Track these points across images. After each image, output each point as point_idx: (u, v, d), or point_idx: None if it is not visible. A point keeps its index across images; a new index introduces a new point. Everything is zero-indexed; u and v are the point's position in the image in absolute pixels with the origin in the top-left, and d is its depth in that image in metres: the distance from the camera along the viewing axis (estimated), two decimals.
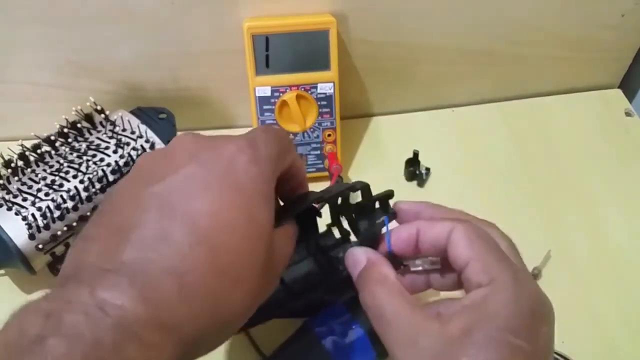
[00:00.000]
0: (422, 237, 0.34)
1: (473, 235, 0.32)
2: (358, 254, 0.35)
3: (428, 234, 0.33)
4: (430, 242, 0.33)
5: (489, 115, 0.66)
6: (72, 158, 0.49)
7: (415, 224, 0.34)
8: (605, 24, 0.62)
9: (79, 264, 0.26)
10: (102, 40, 0.55)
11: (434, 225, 0.33)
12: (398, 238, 0.35)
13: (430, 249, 0.34)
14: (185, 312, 0.25)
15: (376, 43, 0.59)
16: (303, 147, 0.57)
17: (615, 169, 0.60)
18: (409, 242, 0.34)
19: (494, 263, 0.30)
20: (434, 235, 0.33)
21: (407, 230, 0.34)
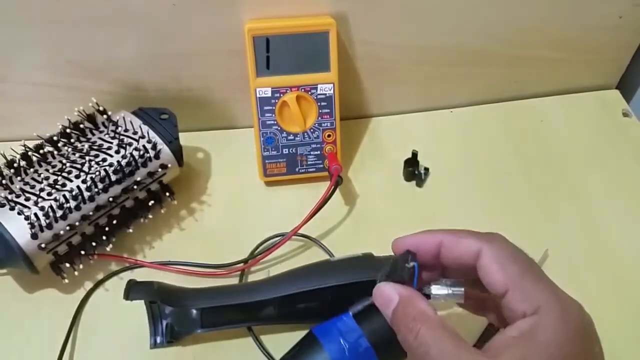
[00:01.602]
0: (445, 253, 0.33)
1: (504, 259, 0.30)
2: (388, 291, 0.33)
3: (453, 251, 0.32)
4: (454, 260, 0.32)
5: (487, 116, 0.66)
6: (74, 158, 0.50)
7: (438, 235, 0.33)
8: (603, 25, 0.62)
9: None
10: (104, 41, 0.55)
11: (459, 243, 0.32)
12: (419, 245, 0.33)
13: (454, 267, 0.33)
14: None
15: (376, 44, 0.59)
16: (303, 148, 0.58)
17: (613, 169, 0.61)
18: (430, 251, 0.33)
19: (534, 288, 0.29)
20: (459, 254, 0.32)
21: (430, 239, 0.34)
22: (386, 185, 0.60)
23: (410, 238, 0.35)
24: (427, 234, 0.34)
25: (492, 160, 0.62)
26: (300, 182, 0.59)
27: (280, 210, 0.57)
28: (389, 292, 0.32)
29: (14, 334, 0.49)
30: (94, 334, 0.49)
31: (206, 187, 0.59)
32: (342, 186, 0.58)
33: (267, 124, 0.56)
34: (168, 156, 0.53)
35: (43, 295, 0.51)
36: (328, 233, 0.55)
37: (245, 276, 0.52)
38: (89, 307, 0.50)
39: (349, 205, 0.58)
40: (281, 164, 0.58)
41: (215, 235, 0.55)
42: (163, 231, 0.56)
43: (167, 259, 0.53)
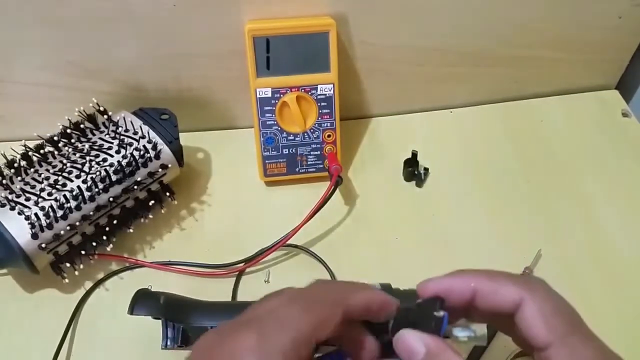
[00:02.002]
0: (480, 301, 0.30)
1: (549, 311, 0.28)
2: (413, 341, 0.29)
3: (489, 300, 0.30)
4: (489, 309, 0.30)
5: (486, 116, 0.66)
6: (75, 158, 0.50)
7: (471, 280, 0.30)
8: (602, 25, 0.62)
9: None
10: (104, 42, 0.55)
11: (497, 292, 0.29)
12: (450, 291, 0.30)
13: (488, 314, 0.30)
14: None
15: (375, 45, 0.59)
16: (303, 148, 0.58)
17: (613, 169, 0.61)
18: (462, 298, 0.30)
19: (581, 347, 0.27)
20: (497, 304, 0.29)
21: (463, 285, 0.30)
22: (386, 185, 0.60)
23: (440, 282, 0.31)
24: (459, 278, 0.31)
25: (492, 160, 0.62)
26: (300, 182, 0.59)
27: (280, 210, 0.57)
28: (414, 343, 0.29)
29: (14, 334, 0.49)
30: (93, 334, 0.49)
31: (206, 187, 0.59)
32: (342, 186, 0.58)
33: (267, 124, 0.56)
34: (168, 156, 0.53)
35: (43, 295, 0.51)
36: (328, 233, 0.55)
37: (245, 276, 0.53)
38: (88, 307, 0.50)
39: (349, 205, 0.58)
40: (281, 164, 0.58)
41: (216, 235, 0.55)
42: (163, 231, 0.56)
43: (167, 259, 0.53)
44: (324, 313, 0.28)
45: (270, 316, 0.28)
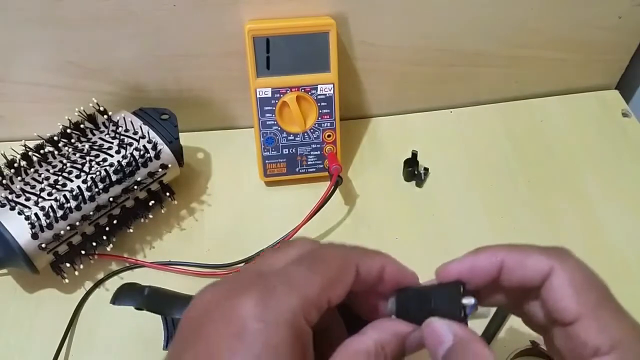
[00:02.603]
0: (507, 275, 0.28)
1: (580, 282, 0.26)
2: (440, 328, 0.27)
3: (517, 272, 0.27)
4: (516, 282, 0.28)
5: (486, 116, 0.66)
6: (75, 158, 0.50)
7: (499, 253, 0.28)
8: (602, 25, 0.62)
9: None
10: (104, 42, 0.55)
11: (525, 262, 0.27)
12: (474, 270, 0.28)
13: (516, 289, 0.28)
14: None
15: (375, 45, 0.59)
16: (303, 148, 0.58)
17: (613, 169, 0.61)
18: (488, 276, 0.28)
19: (612, 321, 0.26)
20: (524, 276, 0.27)
21: (488, 261, 0.28)
22: (386, 185, 0.60)
23: (462, 263, 0.29)
24: (483, 254, 0.28)
25: (492, 160, 0.62)
26: (300, 182, 0.59)
27: (281, 210, 0.57)
28: (441, 330, 0.27)
29: (14, 334, 0.49)
30: (94, 334, 0.49)
31: (206, 187, 0.59)
32: (342, 186, 0.58)
33: (267, 124, 0.56)
34: (168, 156, 0.53)
35: (43, 295, 0.51)
36: (328, 233, 0.55)
37: None
38: (89, 307, 0.50)
39: (349, 205, 0.58)
40: (281, 164, 0.58)
41: (216, 235, 0.55)
42: (163, 231, 0.56)
43: (167, 259, 0.53)
44: (335, 272, 0.26)
45: (275, 275, 0.26)
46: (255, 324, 0.24)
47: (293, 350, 0.24)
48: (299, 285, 0.25)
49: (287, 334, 0.24)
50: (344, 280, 0.27)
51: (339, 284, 0.27)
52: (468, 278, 0.28)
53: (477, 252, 0.29)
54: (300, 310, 0.25)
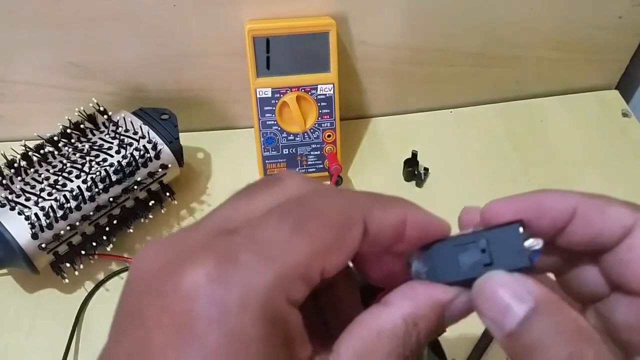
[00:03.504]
0: (579, 225, 0.22)
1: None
2: (515, 286, 0.19)
3: (593, 223, 0.21)
4: (593, 235, 0.21)
5: (487, 116, 0.66)
6: (75, 158, 0.50)
7: (571, 197, 0.22)
8: (602, 25, 0.62)
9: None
10: (104, 42, 0.55)
11: (605, 211, 0.22)
12: (542, 210, 0.22)
13: (581, 246, 0.22)
14: None
15: (375, 45, 0.59)
16: (303, 148, 0.58)
17: (613, 169, 0.61)
18: (558, 220, 0.22)
19: None
20: (603, 227, 0.21)
21: (559, 202, 0.22)
22: (386, 185, 0.60)
23: (526, 200, 0.23)
24: (552, 194, 0.22)
25: (492, 160, 0.62)
26: None
27: None
28: (517, 289, 0.19)
29: (14, 334, 0.49)
30: (95, 334, 0.49)
31: (206, 187, 0.59)
32: (342, 186, 0.58)
33: (267, 124, 0.56)
34: (168, 156, 0.53)
35: (43, 295, 0.51)
36: None
37: None
38: (89, 308, 0.50)
39: None
40: (281, 164, 0.58)
41: None
42: (163, 231, 0.56)
43: None
44: (332, 232, 0.19)
45: (243, 236, 0.18)
46: (208, 307, 0.17)
47: (267, 344, 0.17)
48: (276, 252, 0.18)
49: (257, 322, 0.17)
50: (345, 243, 0.19)
51: (337, 250, 0.19)
52: (532, 218, 0.22)
53: (541, 191, 0.22)
54: (278, 287, 0.17)
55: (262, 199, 0.20)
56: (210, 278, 0.17)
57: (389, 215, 0.21)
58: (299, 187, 0.21)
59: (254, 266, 0.18)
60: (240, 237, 0.18)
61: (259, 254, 0.18)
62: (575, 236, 0.22)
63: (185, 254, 0.18)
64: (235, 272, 0.17)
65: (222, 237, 0.19)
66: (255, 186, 0.22)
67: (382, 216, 0.21)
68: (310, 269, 0.18)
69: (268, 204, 0.20)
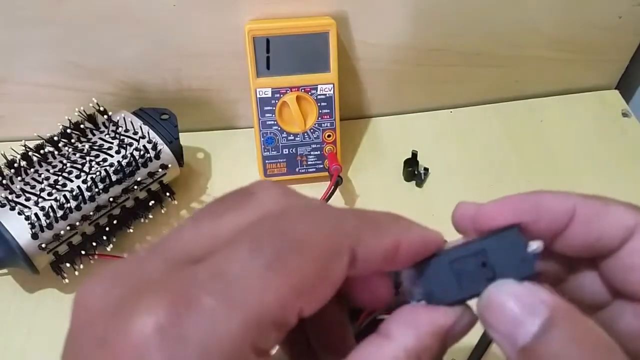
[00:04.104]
0: (578, 228, 0.20)
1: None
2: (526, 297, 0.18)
3: (593, 225, 0.20)
4: (593, 238, 0.20)
5: (486, 116, 0.66)
6: (75, 158, 0.50)
7: (569, 199, 0.21)
8: (602, 25, 0.62)
9: None
10: (104, 42, 0.55)
11: (605, 213, 0.20)
12: (540, 212, 0.21)
13: (579, 250, 0.21)
14: None
15: (375, 45, 0.59)
16: (303, 148, 0.58)
17: (613, 169, 0.61)
18: (557, 222, 0.21)
19: None
20: (603, 230, 0.20)
21: (558, 203, 0.21)
22: (386, 185, 0.60)
23: (523, 201, 0.22)
24: (550, 195, 0.21)
25: (492, 160, 0.62)
26: (300, 182, 0.59)
27: None
28: (529, 300, 0.18)
29: (14, 334, 0.49)
30: None
31: (206, 187, 0.59)
32: (342, 186, 0.58)
33: (267, 124, 0.56)
34: (168, 156, 0.53)
35: (43, 295, 0.51)
36: None
37: None
38: None
39: (349, 205, 0.58)
40: (281, 164, 0.58)
41: None
42: (163, 231, 0.56)
43: None
44: (313, 267, 0.16)
45: (205, 270, 0.15)
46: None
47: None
48: (245, 293, 0.15)
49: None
50: (329, 277, 0.17)
51: (320, 286, 0.16)
52: (529, 222, 0.21)
53: (538, 192, 0.21)
54: (246, 337, 0.15)
55: (232, 219, 0.17)
56: (163, 329, 0.14)
57: (381, 241, 0.19)
58: (276, 201, 0.18)
59: (217, 312, 0.15)
60: (203, 271, 0.15)
61: (223, 295, 0.15)
62: (574, 240, 0.21)
63: (137, 291, 0.15)
64: (193, 320, 0.14)
65: (180, 271, 0.16)
66: (224, 202, 0.18)
67: (374, 242, 0.18)
68: (285, 311, 0.15)
69: (238, 225, 0.17)
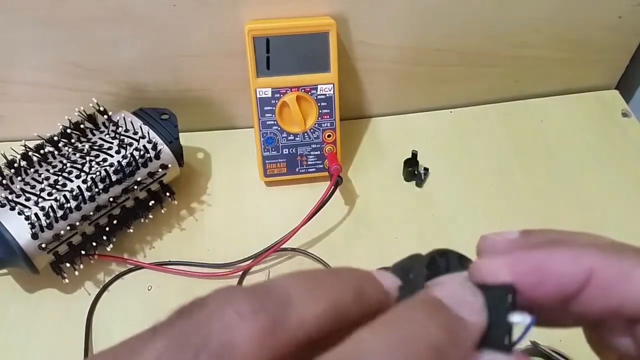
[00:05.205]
0: (598, 291, 0.17)
1: None
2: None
3: (614, 290, 0.17)
4: (615, 304, 0.17)
5: (486, 116, 0.66)
6: (75, 158, 0.50)
7: (585, 258, 0.18)
8: (602, 25, 0.62)
9: None
10: (104, 42, 0.55)
11: (630, 276, 0.17)
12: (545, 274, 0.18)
13: (607, 314, 0.18)
14: None
15: (375, 45, 0.59)
16: (303, 148, 0.58)
17: (613, 169, 0.61)
18: (566, 288, 0.18)
19: None
20: (627, 297, 0.17)
21: (570, 264, 0.18)
22: (386, 185, 0.60)
23: (525, 259, 0.18)
24: (561, 252, 0.18)
25: (492, 160, 0.62)
26: (300, 182, 0.59)
27: (281, 210, 0.57)
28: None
29: (14, 334, 0.49)
30: (98, 335, 0.49)
31: (206, 187, 0.59)
32: (342, 186, 0.58)
33: (267, 124, 0.56)
34: (168, 156, 0.53)
35: (43, 295, 0.51)
36: (328, 233, 0.55)
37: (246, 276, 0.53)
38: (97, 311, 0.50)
39: (349, 205, 0.58)
40: (281, 164, 0.58)
41: (216, 235, 0.55)
42: (163, 231, 0.56)
43: (167, 259, 0.53)
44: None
45: None
46: None
47: None
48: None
49: None
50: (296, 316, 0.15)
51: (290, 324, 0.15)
52: (529, 285, 0.17)
53: (549, 244, 0.19)
54: None
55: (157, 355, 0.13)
56: None
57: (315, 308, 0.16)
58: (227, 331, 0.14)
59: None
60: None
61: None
62: (590, 305, 0.18)
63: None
64: None
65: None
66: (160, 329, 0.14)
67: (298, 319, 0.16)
68: None
69: None
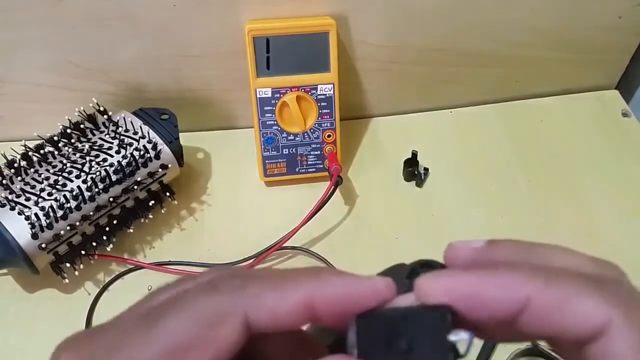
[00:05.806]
0: (534, 319, 0.17)
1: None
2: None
3: (551, 319, 0.17)
4: (552, 332, 0.18)
5: (487, 116, 0.66)
6: (75, 158, 0.50)
7: (523, 288, 0.17)
8: (602, 25, 0.62)
9: None
10: (104, 42, 0.55)
11: (567, 306, 0.17)
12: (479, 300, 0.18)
13: (547, 338, 0.18)
14: None
15: (375, 45, 0.59)
16: (303, 148, 0.58)
17: (613, 169, 0.61)
18: (500, 314, 0.18)
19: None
20: (564, 327, 0.17)
21: (505, 293, 0.17)
22: (386, 185, 0.60)
23: (462, 282, 0.18)
24: (498, 278, 0.18)
25: (492, 160, 0.62)
26: (300, 182, 0.59)
27: (280, 210, 0.57)
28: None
29: (14, 334, 0.49)
30: None
31: (206, 187, 0.59)
32: (342, 186, 0.58)
33: (267, 124, 0.56)
34: (168, 156, 0.53)
35: (43, 295, 0.51)
36: (328, 233, 0.55)
37: None
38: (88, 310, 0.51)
39: (349, 205, 0.58)
40: (281, 164, 0.58)
41: (216, 235, 0.55)
42: (163, 231, 0.56)
43: (167, 259, 0.53)
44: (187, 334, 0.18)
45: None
46: None
47: None
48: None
49: None
50: (210, 342, 0.17)
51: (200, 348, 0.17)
52: (465, 308, 0.18)
53: (489, 271, 0.18)
54: None
55: None
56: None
57: (284, 301, 0.18)
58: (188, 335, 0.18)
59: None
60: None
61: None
62: (531, 329, 0.18)
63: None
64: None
65: None
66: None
67: (274, 304, 0.18)
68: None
69: None
